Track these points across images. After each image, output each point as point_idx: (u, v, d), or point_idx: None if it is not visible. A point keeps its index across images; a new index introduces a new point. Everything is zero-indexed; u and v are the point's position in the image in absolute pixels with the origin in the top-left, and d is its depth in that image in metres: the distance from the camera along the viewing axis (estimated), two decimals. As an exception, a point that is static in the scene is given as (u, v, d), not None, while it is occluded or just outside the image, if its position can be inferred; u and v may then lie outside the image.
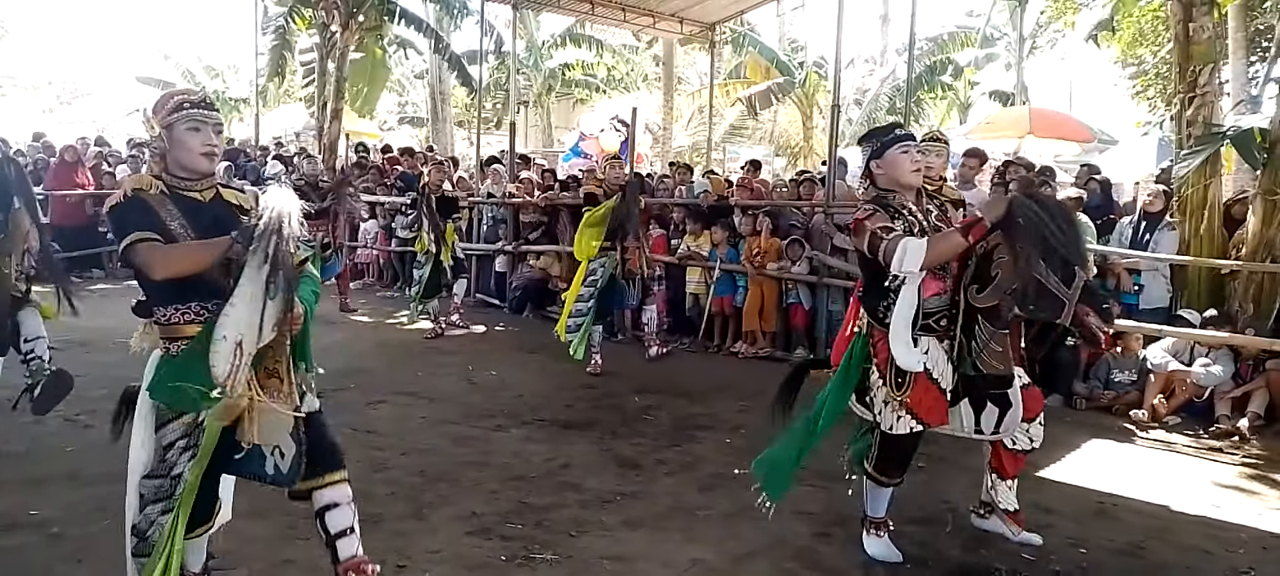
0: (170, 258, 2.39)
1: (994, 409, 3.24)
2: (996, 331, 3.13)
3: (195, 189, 2.56)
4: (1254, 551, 3.78)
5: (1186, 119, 6.65)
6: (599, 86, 23.45)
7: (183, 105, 2.53)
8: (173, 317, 2.51)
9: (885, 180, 3.26)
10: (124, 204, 2.44)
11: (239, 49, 28.05)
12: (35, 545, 3.37)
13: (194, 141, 2.51)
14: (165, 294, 2.49)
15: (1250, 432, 5.45)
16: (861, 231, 3.15)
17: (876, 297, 3.24)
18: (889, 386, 3.22)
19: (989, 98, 21.69)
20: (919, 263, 2.99)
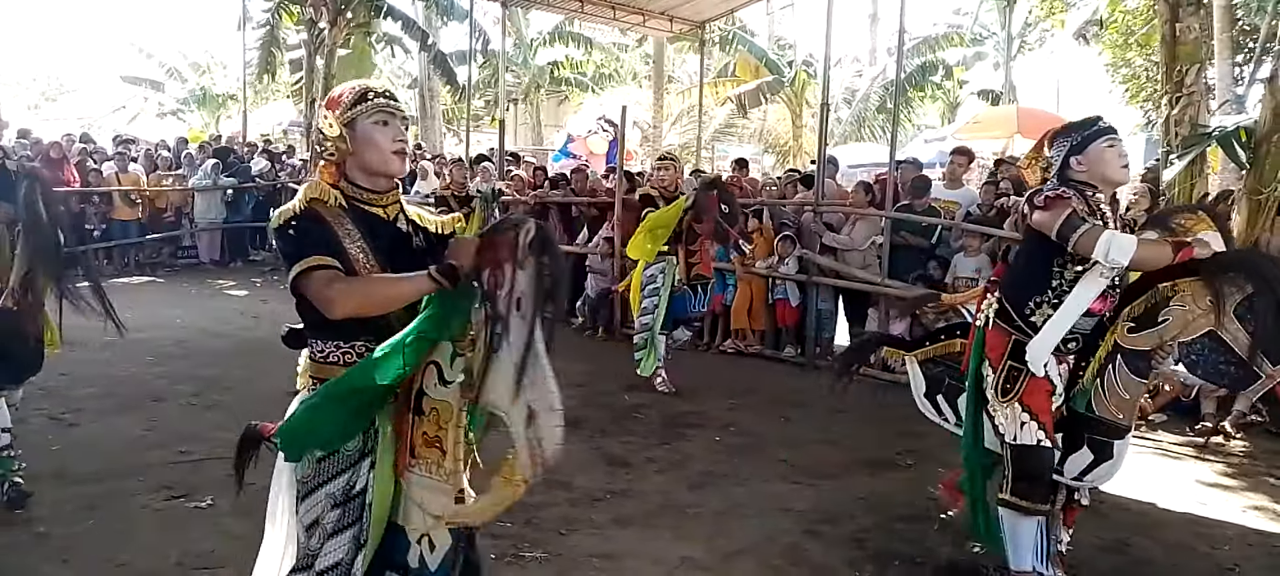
0: (354, 295, 1.95)
1: (1088, 454, 2.94)
2: (1132, 378, 2.85)
3: (378, 203, 2.12)
4: (1239, 548, 3.81)
5: (1173, 119, 6.70)
6: (588, 84, 23.44)
7: (367, 95, 2.09)
8: (330, 355, 2.07)
9: (1089, 176, 2.89)
10: (299, 219, 2.00)
11: (226, 45, 27.92)
12: (21, 544, 3.35)
13: (383, 138, 2.06)
14: (328, 327, 2.02)
15: (1235, 431, 5.49)
16: (1058, 206, 2.76)
17: (1032, 291, 2.92)
18: (997, 390, 2.97)
19: (977, 97, 21.82)
20: (1127, 257, 2.66)
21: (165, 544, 3.35)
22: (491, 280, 1.91)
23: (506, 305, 1.88)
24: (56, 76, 35.00)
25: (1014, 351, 2.95)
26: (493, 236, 1.93)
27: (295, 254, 1.96)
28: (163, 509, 3.70)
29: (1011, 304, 2.97)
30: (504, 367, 1.89)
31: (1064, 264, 2.87)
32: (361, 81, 2.18)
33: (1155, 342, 2.80)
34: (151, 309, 8.42)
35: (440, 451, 2.05)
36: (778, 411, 5.79)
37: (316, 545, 2.01)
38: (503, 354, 1.89)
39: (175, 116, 24.28)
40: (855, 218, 7.46)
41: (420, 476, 2.06)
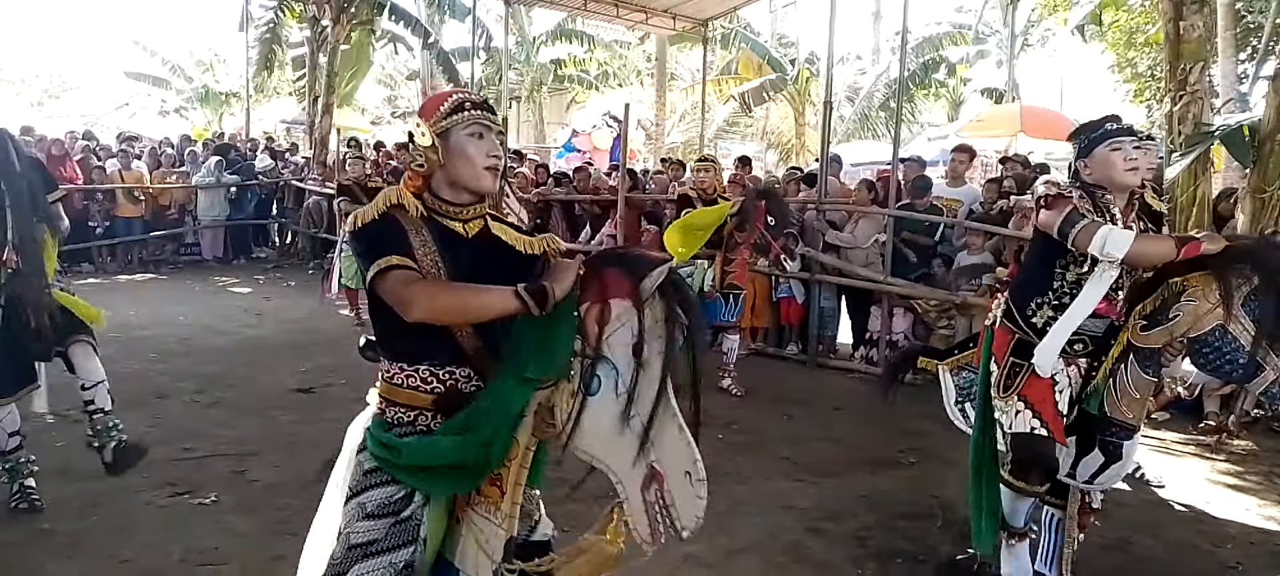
0: (434, 296, 1.83)
1: (1098, 456, 2.94)
2: (1143, 377, 2.85)
3: (459, 216, 2.00)
4: (1242, 546, 3.81)
5: (1176, 117, 6.69)
6: (591, 82, 23.44)
7: (463, 105, 1.97)
8: (395, 377, 1.97)
9: (1095, 179, 2.88)
10: (378, 222, 1.93)
11: (229, 42, 27.94)
12: (26, 540, 3.36)
13: (477, 151, 1.95)
14: (399, 344, 1.96)
15: (1239, 429, 5.49)
16: (1060, 204, 2.76)
17: (1034, 292, 2.94)
18: (999, 386, 2.99)
19: (981, 95, 21.80)
20: (1123, 252, 2.65)
21: (169, 540, 3.36)
22: (592, 314, 1.75)
23: (616, 346, 1.73)
24: (59, 74, 35.01)
25: (1016, 349, 2.97)
26: (599, 266, 1.80)
27: (373, 253, 1.87)
28: (166, 505, 3.71)
29: (1015, 305, 3.00)
30: (602, 414, 1.74)
31: (1066, 265, 2.88)
32: (459, 91, 2.08)
33: (1166, 338, 2.79)
34: (155, 306, 8.44)
35: (499, 491, 1.94)
36: (780, 409, 5.79)
37: (344, 558, 1.89)
38: (600, 398, 1.74)
39: (178, 114, 24.31)
40: (858, 216, 7.45)
41: (479, 516, 1.96)
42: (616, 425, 1.73)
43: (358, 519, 1.91)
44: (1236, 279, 2.66)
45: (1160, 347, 2.82)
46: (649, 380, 1.71)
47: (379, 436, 1.94)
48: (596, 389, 1.74)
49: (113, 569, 3.17)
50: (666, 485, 1.70)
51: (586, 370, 1.75)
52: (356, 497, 1.93)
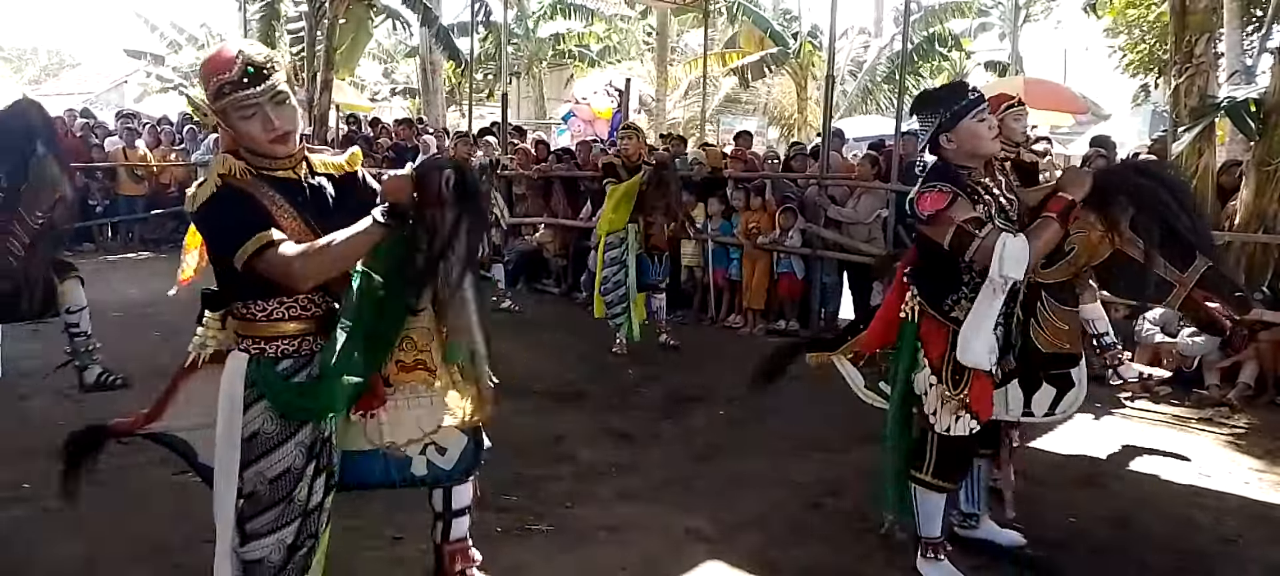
0: (317, 262, 1.96)
1: (1050, 389, 2.95)
2: (1062, 308, 2.88)
3: (283, 167, 2.10)
4: (1242, 520, 3.82)
5: (1181, 89, 6.64)
6: (591, 57, 23.31)
7: (223, 90, 1.97)
8: (274, 311, 2.08)
9: (959, 155, 2.81)
10: (216, 199, 1.98)
11: (227, 18, 27.75)
12: (28, 519, 3.38)
13: (253, 129, 2.01)
14: (266, 286, 2.04)
15: (1239, 403, 5.49)
16: (943, 224, 2.69)
17: (946, 289, 2.86)
18: (945, 384, 2.88)
19: (984, 68, 21.66)
20: (1023, 267, 2.61)
21: (175, 517, 3.37)
22: (435, 215, 2.00)
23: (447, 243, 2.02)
24: (57, 51, 34.88)
25: (955, 342, 2.85)
26: (426, 175, 2.01)
27: (234, 233, 1.94)
28: (171, 483, 3.72)
29: (930, 301, 2.92)
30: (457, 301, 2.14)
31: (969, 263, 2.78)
32: (223, 69, 1.98)
33: (1070, 272, 2.84)
34: (156, 284, 8.43)
35: (427, 371, 2.26)
36: (781, 384, 5.79)
37: (303, 495, 2.11)
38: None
39: (177, 91, 24.20)
40: (860, 191, 7.43)
41: (406, 397, 2.25)
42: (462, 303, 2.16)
43: (304, 457, 2.11)
44: (1113, 206, 2.70)
45: (1070, 280, 2.86)
46: (457, 260, 2.05)
47: (277, 385, 2.09)
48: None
49: (120, 546, 3.19)
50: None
51: (443, 261, 2.03)
52: (292, 439, 2.10)
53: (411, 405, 2.25)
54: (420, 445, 2.30)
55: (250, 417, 2.09)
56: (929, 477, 2.98)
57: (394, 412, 2.24)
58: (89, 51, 47.20)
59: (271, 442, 2.09)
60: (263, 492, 2.09)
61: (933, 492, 3.01)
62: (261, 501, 2.10)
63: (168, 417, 2.32)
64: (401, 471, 2.31)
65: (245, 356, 2.10)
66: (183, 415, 2.31)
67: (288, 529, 2.11)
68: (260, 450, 2.09)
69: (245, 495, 2.11)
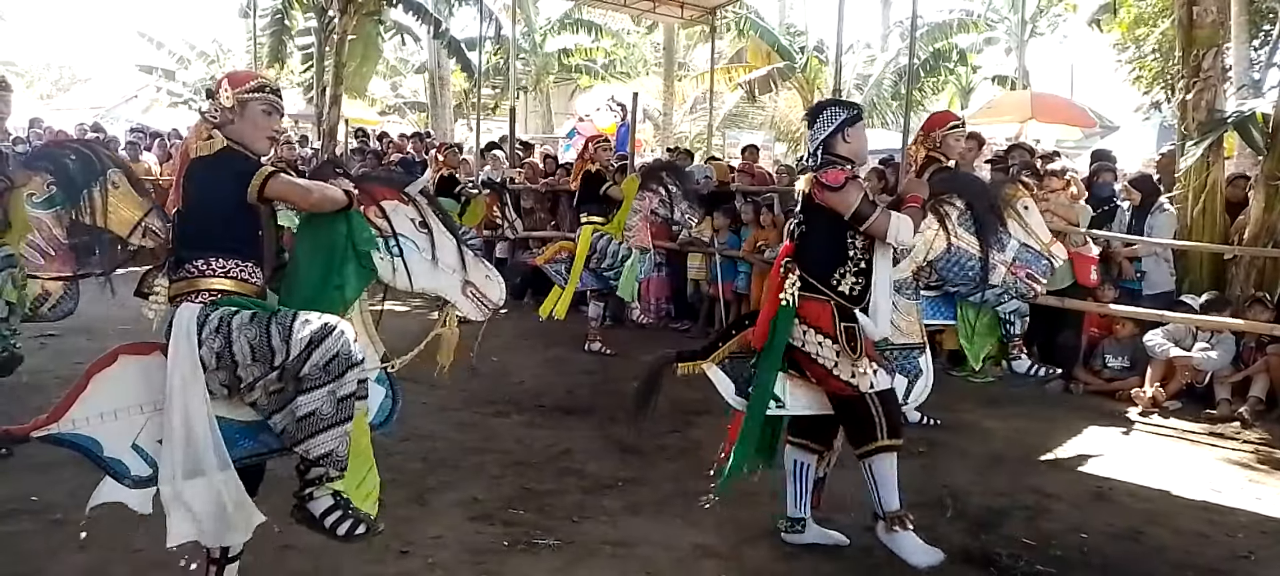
0: (317, 190, 2.55)
1: (902, 380, 3.31)
2: (905, 300, 3.29)
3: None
4: (1254, 535, 3.78)
5: (1189, 103, 6.62)
6: (598, 72, 23.38)
7: (263, 88, 2.62)
8: (231, 271, 2.52)
9: (852, 150, 3.24)
10: (227, 151, 2.53)
11: (237, 33, 27.93)
12: (38, 531, 3.38)
13: (264, 122, 2.61)
14: (227, 243, 2.51)
15: (1251, 417, 5.45)
16: (851, 190, 3.08)
17: (834, 264, 3.19)
18: (845, 351, 3.15)
19: (991, 82, 21.65)
20: (911, 236, 3.05)
21: (181, 530, 3.36)
22: (370, 210, 2.66)
23: (402, 225, 2.70)
24: (69, 66, 35.15)
25: (842, 314, 3.18)
26: (367, 180, 2.75)
27: (243, 172, 2.48)
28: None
29: (816, 277, 3.21)
30: (417, 264, 2.71)
31: (855, 235, 3.17)
32: (264, 78, 2.77)
33: (913, 267, 3.25)
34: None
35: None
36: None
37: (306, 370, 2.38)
38: (409, 257, 2.69)
39: (187, 106, 24.34)
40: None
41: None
42: (430, 267, 2.74)
43: (288, 314, 2.43)
44: (946, 205, 3.17)
45: (912, 274, 3.27)
46: (440, 237, 2.76)
47: (238, 302, 2.47)
48: (398, 251, 2.68)
49: (124, 558, 3.18)
50: (477, 285, 2.80)
51: (391, 245, 2.67)
52: (275, 320, 2.39)
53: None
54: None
55: (217, 346, 2.39)
56: (886, 441, 3.14)
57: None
58: (99, 67, 47.60)
59: (260, 330, 2.38)
60: (291, 365, 2.35)
61: (886, 456, 3.16)
62: (293, 368, 2.35)
63: (69, 417, 2.50)
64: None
65: (197, 304, 2.47)
66: (90, 405, 2.51)
67: (299, 399, 2.36)
68: (248, 351, 2.37)
69: (278, 368, 2.36)
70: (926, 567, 3.10)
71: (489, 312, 2.79)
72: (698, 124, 21.67)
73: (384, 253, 2.65)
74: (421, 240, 2.72)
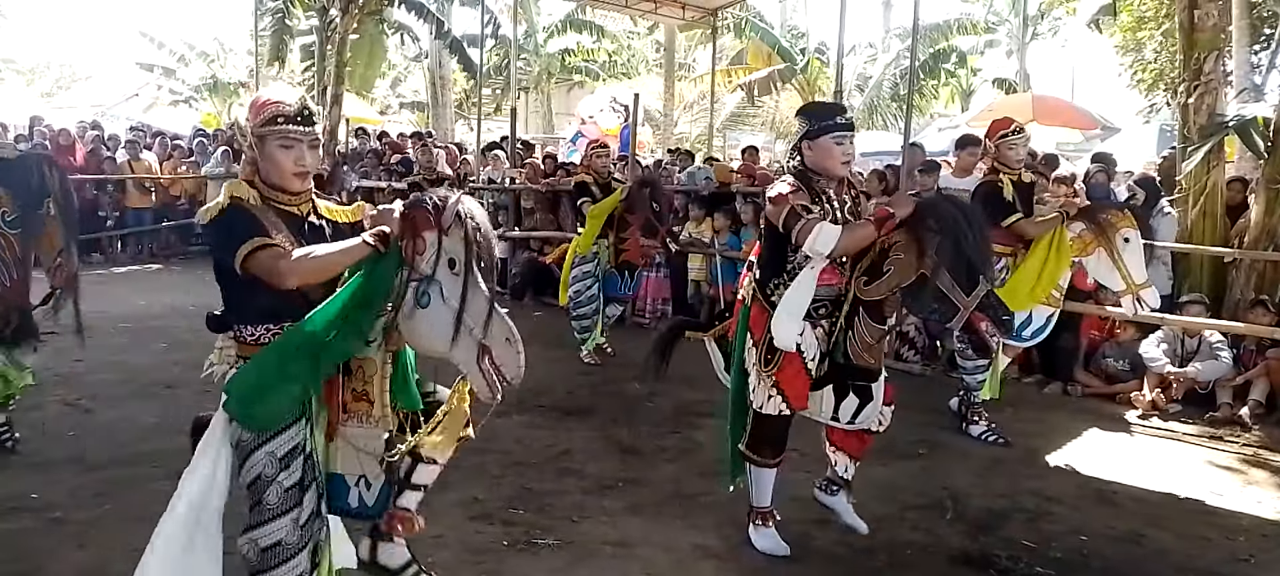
0: (304, 264, 2.16)
1: (853, 399, 3.27)
2: (874, 326, 3.17)
3: (293, 204, 2.36)
4: (1254, 539, 3.79)
5: (1190, 107, 6.63)
6: (599, 72, 23.38)
7: (276, 119, 2.29)
8: (263, 338, 2.31)
9: (813, 162, 3.22)
10: (226, 213, 2.25)
11: (238, 31, 27.93)
12: (38, 529, 3.38)
13: (284, 159, 2.30)
14: (252, 310, 2.30)
15: (1251, 420, 5.45)
16: (781, 204, 3.11)
17: (770, 273, 3.26)
18: (759, 362, 3.24)
19: (991, 85, 21.66)
20: (831, 248, 3.02)
21: (180, 529, 3.36)
22: (410, 247, 2.14)
23: (433, 266, 2.15)
24: (70, 64, 35.12)
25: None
26: (412, 209, 2.16)
27: (236, 238, 2.19)
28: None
29: (759, 285, 3.30)
30: (436, 318, 2.15)
31: (794, 249, 3.16)
32: (279, 103, 2.33)
33: (886, 291, 3.10)
34: (165, 296, 8.47)
35: (368, 403, 2.34)
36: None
37: (274, 499, 2.22)
38: (432, 309, 2.15)
39: (187, 104, 24.34)
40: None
41: (355, 428, 2.36)
42: (452, 324, 2.13)
43: (274, 466, 2.22)
44: (925, 232, 2.97)
45: (883, 299, 3.13)
46: (475, 286, 2.14)
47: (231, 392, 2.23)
48: (427, 303, 2.15)
49: (125, 558, 3.16)
50: (494, 353, 2.15)
51: (420, 290, 2.15)
52: (263, 448, 2.22)
53: (354, 437, 2.37)
54: (355, 476, 2.42)
55: (234, 427, 2.27)
56: (745, 449, 3.37)
57: (342, 442, 2.39)
58: (100, 65, 47.58)
59: (247, 450, 2.24)
60: (244, 494, 2.27)
61: (760, 469, 3.36)
62: (246, 500, 2.27)
63: None
64: (340, 500, 2.43)
65: (233, 372, 2.33)
66: None
67: (260, 530, 2.23)
68: (240, 457, 2.26)
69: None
70: (764, 552, 3.38)
71: (500, 393, 2.19)
72: (698, 125, 21.66)
73: (411, 303, 2.17)
74: (449, 287, 2.15)
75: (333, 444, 2.38)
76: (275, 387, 2.16)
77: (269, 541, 2.21)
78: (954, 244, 2.92)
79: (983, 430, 4.92)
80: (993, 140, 4.88)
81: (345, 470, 2.40)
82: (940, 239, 2.93)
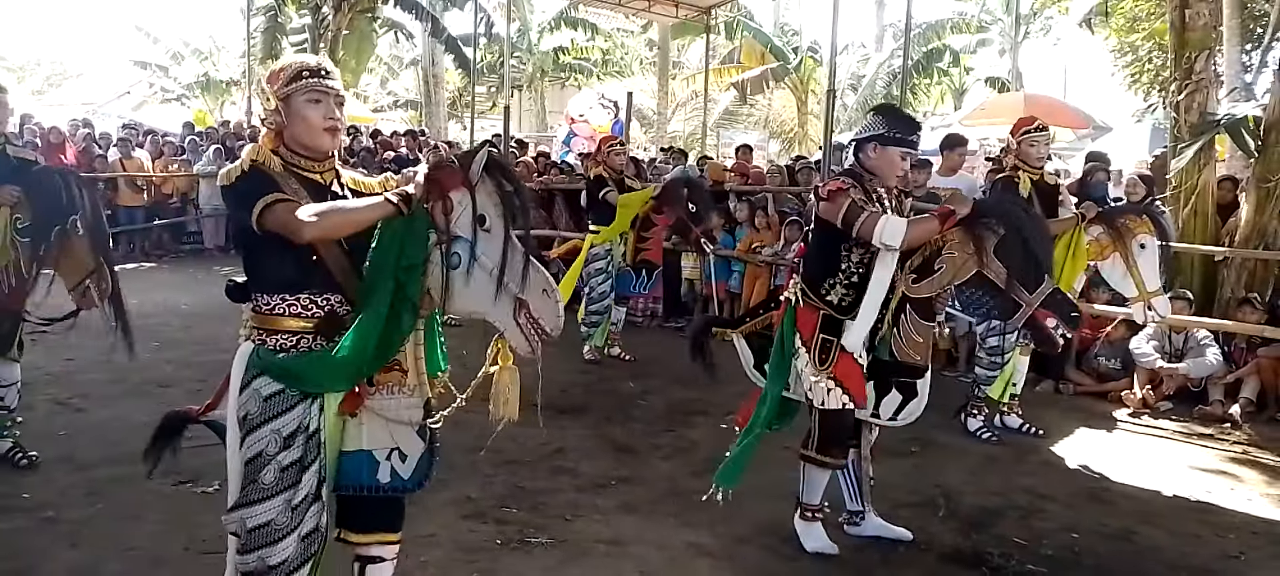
0: (324, 216, 2.08)
1: (897, 396, 3.25)
2: (922, 323, 3.15)
3: (315, 170, 2.28)
4: (1244, 536, 3.81)
5: (1181, 106, 6.66)
6: (592, 71, 23.36)
7: (301, 73, 2.23)
8: (277, 308, 2.22)
9: (873, 164, 3.24)
10: (246, 176, 2.18)
11: (230, 29, 27.81)
12: (29, 528, 3.37)
13: (313, 115, 2.22)
14: (270, 278, 2.23)
15: (1241, 418, 5.48)
16: (838, 199, 3.09)
17: (823, 273, 3.24)
18: (814, 361, 3.22)
19: (984, 84, 21.73)
20: (899, 239, 3.00)
21: (173, 528, 3.36)
22: (440, 208, 2.10)
23: (465, 225, 2.10)
24: (61, 61, 34.93)
25: (825, 325, 3.23)
26: (437, 169, 2.12)
27: (253, 196, 2.12)
28: (170, 494, 3.71)
29: (809, 284, 3.29)
30: (473, 279, 2.12)
31: (850, 248, 3.18)
32: (300, 59, 2.31)
33: (936, 289, 3.11)
34: (157, 295, 8.44)
35: (400, 372, 2.27)
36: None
37: (270, 479, 2.14)
38: (466, 269, 2.11)
39: (179, 102, 24.24)
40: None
41: (383, 399, 2.26)
42: (486, 282, 2.11)
43: (277, 444, 2.15)
44: (984, 231, 3.01)
45: (933, 297, 3.13)
46: (495, 238, 2.10)
47: (270, 361, 2.19)
48: (457, 263, 2.12)
49: (117, 557, 3.17)
50: (531, 306, 2.12)
51: (445, 252, 2.11)
52: (269, 424, 2.16)
53: (385, 408, 2.27)
54: (387, 449, 2.29)
55: (242, 399, 2.20)
56: (814, 453, 3.31)
57: (370, 415, 2.27)
58: (92, 62, 47.35)
59: (252, 424, 2.18)
60: (241, 469, 2.20)
61: (818, 469, 3.35)
62: (242, 477, 2.20)
63: (220, 406, 2.41)
64: (369, 477, 2.29)
65: (251, 345, 2.25)
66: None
67: (254, 508, 2.15)
68: (245, 431, 2.19)
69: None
70: (813, 552, 3.38)
71: (540, 347, 2.16)
72: (691, 123, 21.66)
73: (437, 264, 2.13)
74: (480, 245, 2.11)
75: (354, 421, 2.26)
76: (327, 355, 2.16)
77: (257, 521, 2.14)
78: (1021, 242, 2.94)
79: (980, 425, 4.93)
80: (1016, 137, 4.89)
81: (373, 445, 2.27)
82: (1005, 237, 2.96)
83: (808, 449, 3.33)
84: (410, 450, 2.31)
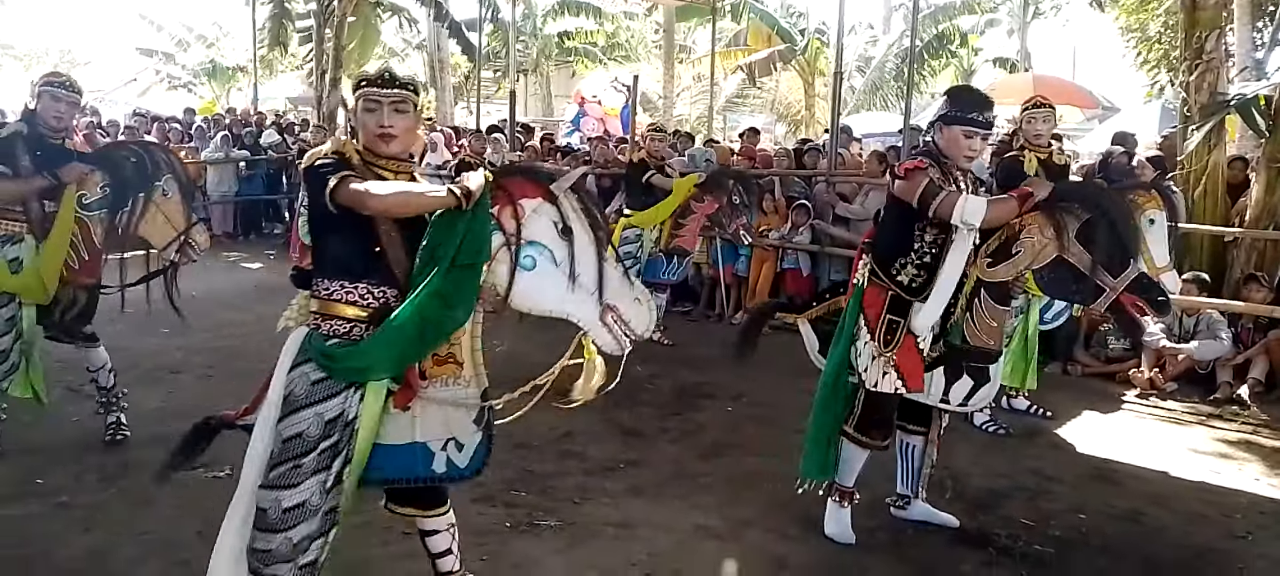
0: (386, 192, 2.21)
1: (968, 381, 3.20)
2: (997, 307, 3.09)
3: (389, 168, 2.38)
4: (1252, 517, 3.81)
5: (1192, 86, 6.61)
6: (598, 55, 23.25)
7: (361, 83, 2.38)
8: (335, 293, 2.31)
9: (943, 146, 3.19)
10: (328, 159, 2.31)
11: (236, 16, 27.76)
12: (43, 514, 3.41)
13: (369, 121, 2.35)
14: (331, 263, 2.33)
15: (1250, 399, 5.47)
16: (915, 177, 3.04)
17: (896, 253, 3.19)
18: (877, 342, 3.18)
19: (993, 65, 21.55)
20: (980, 219, 2.95)
21: (186, 513, 3.39)
22: (506, 212, 2.24)
23: (542, 232, 2.26)
24: (68, 49, 34.96)
25: (892, 306, 3.19)
26: (504, 177, 2.28)
27: (329, 174, 2.23)
28: (182, 479, 3.72)
29: (879, 264, 3.25)
30: (547, 281, 2.27)
31: (924, 228, 3.13)
32: (367, 67, 2.49)
33: (1012, 273, 3.05)
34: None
35: (455, 365, 2.38)
36: (790, 382, 5.77)
37: (310, 462, 2.22)
38: (540, 271, 2.26)
39: (186, 89, 24.25)
40: (868, 188, 7.41)
41: (438, 390, 2.36)
42: (566, 286, 2.27)
43: (318, 427, 2.23)
44: (1065, 214, 2.95)
45: (1009, 281, 3.08)
46: (583, 247, 2.27)
47: (320, 347, 2.27)
48: (531, 265, 2.26)
49: (131, 542, 3.21)
50: (620, 311, 2.31)
51: (515, 253, 2.24)
52: (313, 407, 2.24)
53: (441, 400, 2.36)
54: (442, 441, 2.39)
55: (290, 379, 2.28)
56: (852, 431, 3.30)
57: (424, 407, 2.35)
58: (99, 50, 47.36)
59: (295, 404, 2.25)
60: (277, 449, 2.25)
61: (856, 448, 3.31)
62: (275, 457, 2.25)
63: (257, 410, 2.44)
64: (423, 469, 2.39)
65: (304, 328, 2.35)
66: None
67: (288, 491, 2.21)
68: (287, 410, 2.26)
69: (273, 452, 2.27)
70: (832, 537, 3.38)
71: (629, 345, 2.35)
72: (698, 107, 21.59)
73: (503, 262, 2.25)
74: (561, 252, 2.27)
75: (407, 413, 2.34)
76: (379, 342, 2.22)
77: (293, 501, 2.22)
78: (1107, 225, 2.89)
79: (985, 419, 4.87)
80: (1020, 116, 4.91)
81: (427, 436, 2.37)
82: (1090, 221, 2.91)
83: (848, 426, 3.30)
84: (466, 439, 2.41)
